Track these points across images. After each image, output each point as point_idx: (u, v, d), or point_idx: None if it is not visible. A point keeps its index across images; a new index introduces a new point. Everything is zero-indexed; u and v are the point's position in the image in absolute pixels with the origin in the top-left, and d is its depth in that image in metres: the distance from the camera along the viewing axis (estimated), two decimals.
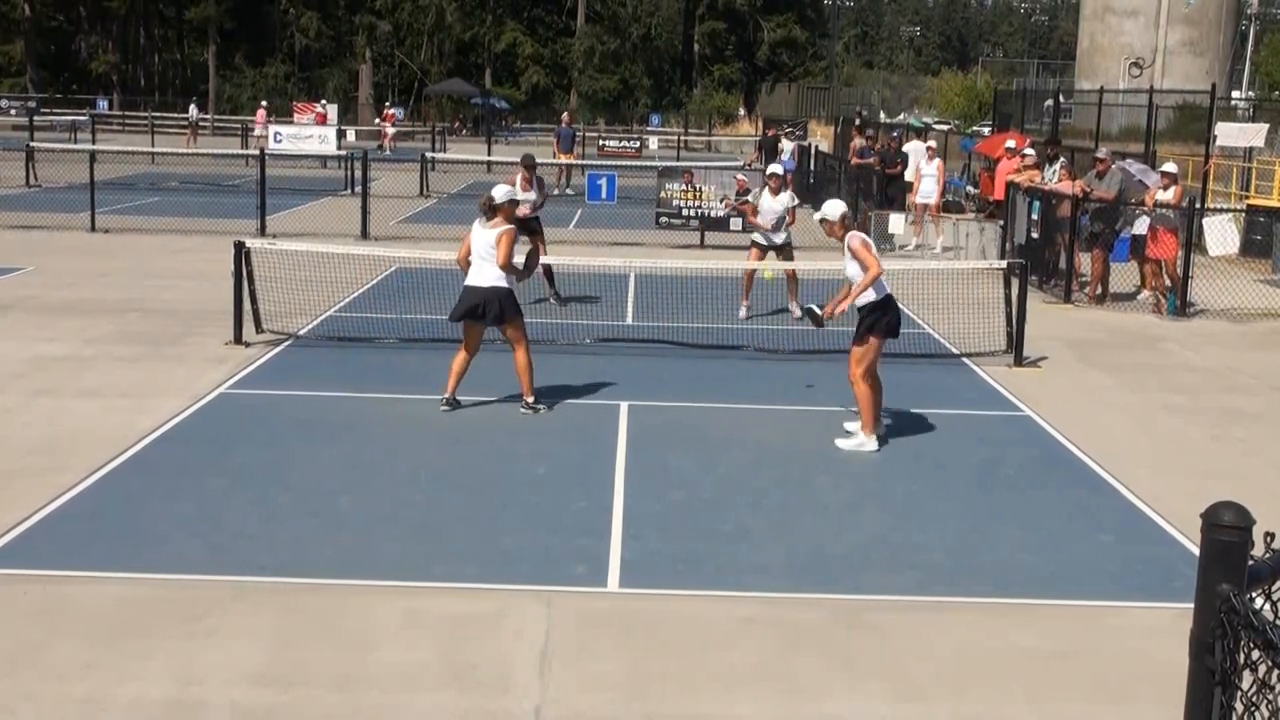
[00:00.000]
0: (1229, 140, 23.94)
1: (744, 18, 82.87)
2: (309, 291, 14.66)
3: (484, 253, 10.26)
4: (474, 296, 10.25)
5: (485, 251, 10.26)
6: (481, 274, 10.26)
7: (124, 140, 45.89)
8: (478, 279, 10.27)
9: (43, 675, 5.73)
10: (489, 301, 10.21)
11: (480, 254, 10.28)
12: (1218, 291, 16.56)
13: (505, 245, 10.18)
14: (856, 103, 61.07)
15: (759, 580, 7.05)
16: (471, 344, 10.47)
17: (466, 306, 10.31)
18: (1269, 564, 2.95)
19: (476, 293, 10.24)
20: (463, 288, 10.39)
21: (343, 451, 9.31)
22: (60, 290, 15.84)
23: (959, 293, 15.36)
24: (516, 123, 67.27)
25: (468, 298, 10.30)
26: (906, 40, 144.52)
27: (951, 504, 8.50)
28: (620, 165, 34.70)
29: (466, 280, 10.35)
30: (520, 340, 10.39)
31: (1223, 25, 51.58)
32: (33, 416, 10.04)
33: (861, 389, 9.67)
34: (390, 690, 5.68)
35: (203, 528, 7.64)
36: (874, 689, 5.80)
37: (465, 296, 10.33)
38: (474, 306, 10.25)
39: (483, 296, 10.22)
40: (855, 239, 9.82)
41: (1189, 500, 7.69)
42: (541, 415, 10.41)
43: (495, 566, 7.16)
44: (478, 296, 10.23)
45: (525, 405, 10.46)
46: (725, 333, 13.89)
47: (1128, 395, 11.91)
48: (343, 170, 31.88)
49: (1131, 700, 5.79)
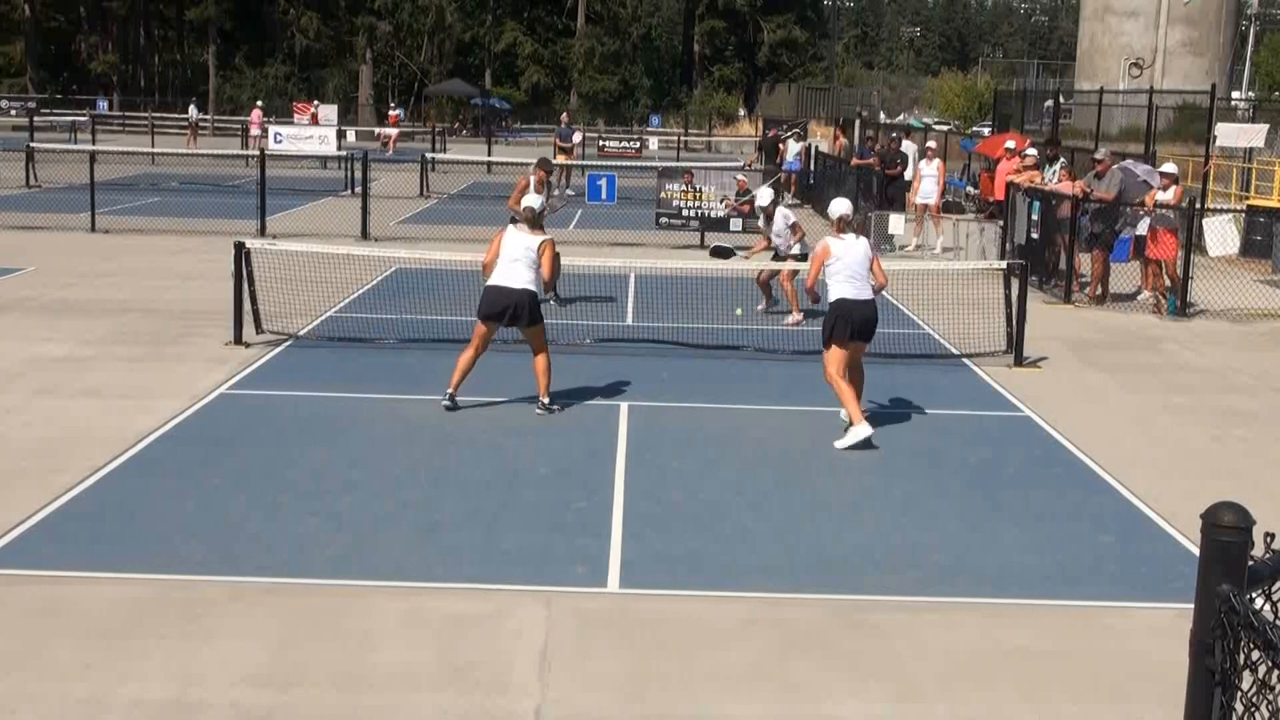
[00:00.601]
0: (1229, 141, 23.93)
1: (744, 18, 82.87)
2: (309, 292, 14.65)
3: (519, 255, 10.27)
4: (505, 298, 10.25)
5: (522, 254, 10.27)
6: (514, 275, 10.27)
7: (124, 140, 45.91)
8: (509, 280, 10.26)
9: (43, 675, 5.73)
10: (520, 304, 10.24)
11: (514, 256, 10.28)
12: (1218, 292, 16.56)
13: (549, 256, 10.31)
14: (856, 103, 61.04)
15: (759, 580, 7.06)
16: (485, 343, 10.49)
17: (498, 307, 10.30)
18: (1269, 564, 2.95)
19: (508, 294, 10.25)
20: (488, 288, 10.37)
21: (343, 451, 9.32)
22: (60, 290, 15.84)
23: (959, 293, 15.36)
24: (516, 123, 67.26)
25: (498, 299, 10.28)
26: (906, 41, 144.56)
27: (951, 504, 8.50)
28: (620, 166, 34.70)
29: (494, 280, 10.33)
30: (542, 343, 10.46)
31: (1223, 25, 51.56)
32: (32, 416, 10.04)
33: (835, 386, 9.85)
34: (390, 690, 5.68)
35: (203, 528, 7.64)
36: (874, 689, 5.80)
37: (494, 297, 10.31)
38: (505, 308, 10.27)
39: (514, 299, 10.24)
40: (823, 245, 10.18)
41: (1189, 500, 7.69)
42: (541, 415, 10.42)
43: (495, 566, 7.16)
44: (509, 298, 10.24)
45: (541, 406, 10.48)
46: (725, 333, 13.89)
47: (1128, 395, 11.91)
48: (343, 171, 31.87)
49: (1131, 700, 5.79)
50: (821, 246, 10.18)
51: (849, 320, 9.83)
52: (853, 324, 9.84)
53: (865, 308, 9.94)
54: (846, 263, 9.93)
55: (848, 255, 9.96)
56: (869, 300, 9.99)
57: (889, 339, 14.00)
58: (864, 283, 9.96)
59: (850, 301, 9.87)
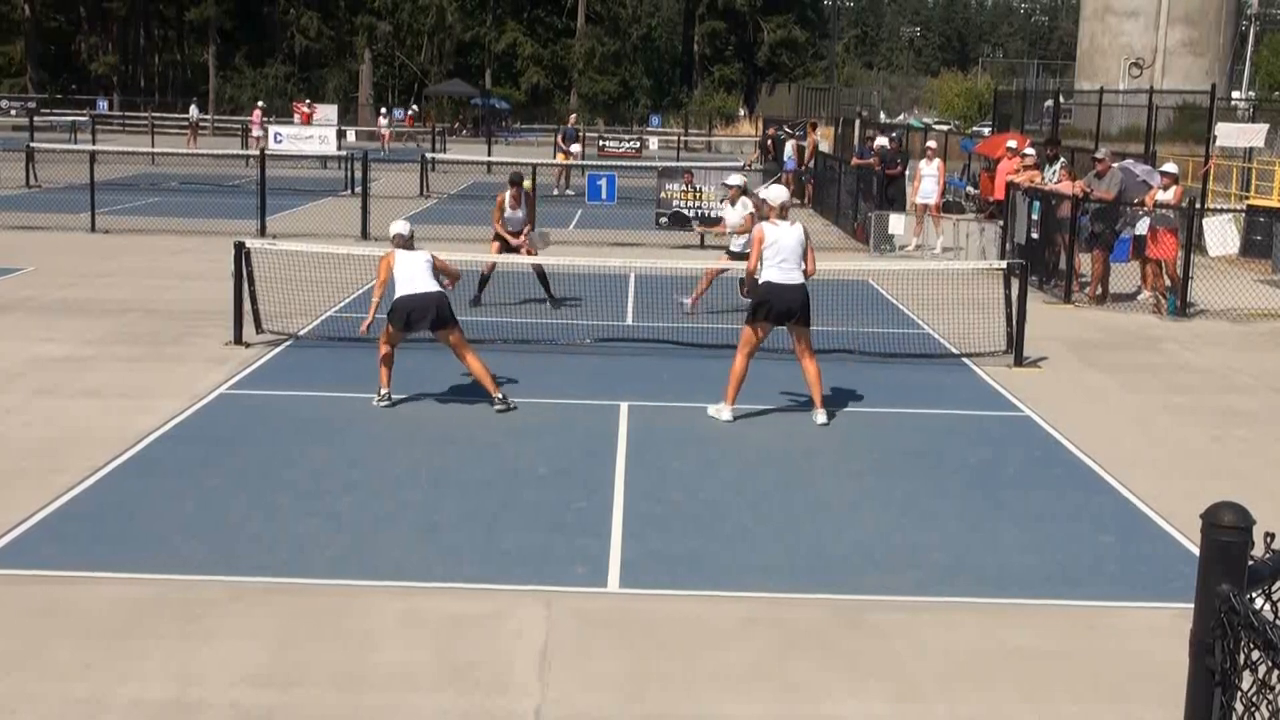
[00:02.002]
0: (1229, 140, 23.94)
1: (744, 18, 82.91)
2: (309, 292, 14.65)
3: (418, 267, 10.48)
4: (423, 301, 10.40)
5: (420, 266, 10.50)
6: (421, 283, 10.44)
7: (124, 141, 45.91)
8: (419, 287, 10.43)
9: (43, 675, 5.73)
10: (441, 305, 10.40)
11: (413, 270, 10.47)
12: (1218, 292, 16.56)
13: (443, 260, 10.71)
14: (856, 103, 61.05)
15: (759, 580, 7.05)
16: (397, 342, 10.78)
17: (419, 312, 10.40)
18: (1269, 564, 2.95)
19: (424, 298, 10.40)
20: (400, 299, 10.45)
21: (342, 451, 9.32)
22: (60, 290, 15.84)
23: (959, 293, 15.36)
24: (516, 123, 67.28)
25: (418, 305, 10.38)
26: (906, 41, 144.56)
27: (951, 504, 8.50)
28: (620, 166, 34.70)
29: (403, 291, 10.44)
30: (465, 343, 10.64)
31: (1223, 25, 51.55)
32: (32, 416, 10.04)
33: (734, 361, 10.38)
34: (390, 690, 5.68)
35: (202, 528, 7.64)
36: (874, 689, 5.80)
37: (411, 304, 10.39)
38: (425, 312, 10.38)
39: (433, 300, 10.37)
40: (758, 229, 10.57)
41: (1189, 500, 7.69)
42: (542, 415, 10.42)
43: (495, 566, 7.16)
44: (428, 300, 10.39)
45: (499, 403, 10.54)
46: (725, 333, 13.87)
47: (1128, 395, 11.91)
48: (343, 171, 31.88)
49: (1131, 700, 5.79)
50: (757, 231, 10.56)
51: (771, 303, 10.22)
52: (775, 307, 10.21)
53: (791, 292, 10.21)
54: (779, 248, 10.26)
55: (781, 240, 10.27)
56: (798, 285, 10.25)
57: (889, 339, 14.03)
58: (795, 268, 10.25)
59: (777, 285, 10.22)
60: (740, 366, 10.35)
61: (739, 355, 10.40)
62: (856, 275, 17.54)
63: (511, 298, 15.63)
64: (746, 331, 10.40)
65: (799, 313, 10.25)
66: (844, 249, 22.16)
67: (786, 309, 10.21)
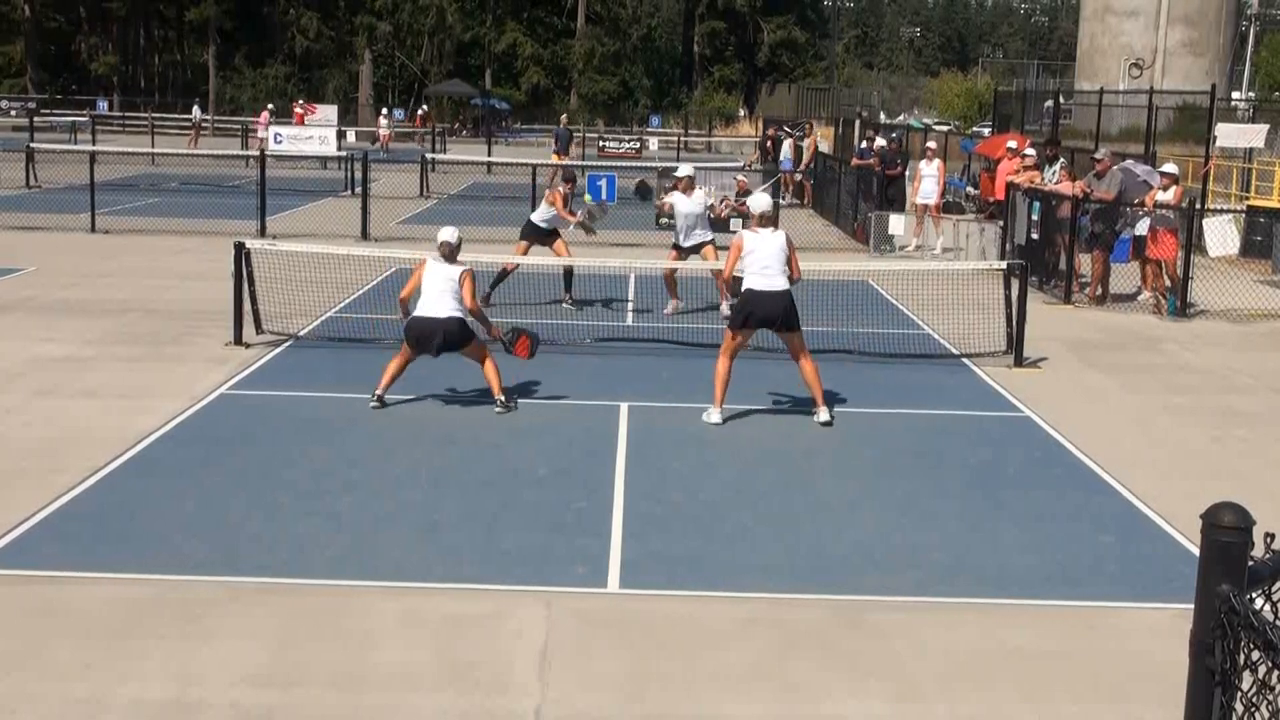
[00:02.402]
0: (1229, 141, 23.93)
1: (744, 19, 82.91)
2: (309, 292, 14.65)
3: (443, 287, 10.44)
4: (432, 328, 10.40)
5: (445, 286, 10.46)
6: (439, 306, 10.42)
7: (124, 141, 45.91)
8: (434, 310, 10.41)
9: (43, 675, 5.73)
10: (449, 332, 10.39)
11: (439, 289, 10.44)
12: (1218, 292, 16.56)
13: (469, 287, 10.53)
14: (856, 104, 61.05)
15: (759, 580, 7.05)
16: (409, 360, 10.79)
17: (426, 338, 10.44)
18: (1269, 564, 2.95)
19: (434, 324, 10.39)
20: (413, 319, 10.48)
21: (342, 451, 9.32)
22: (60, 290, 15.84)
23: (959, 293, 15.35)
24: (516, 124, 67.27)
25: (425, 329, 10.41)
26: (906, 41, 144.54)
27: (951, 504, 8.50)
28: (620, 166, 34.68)
29: (419, 312, 10.46)
30: (482, 352, 10.66)
31: (1223, 26, 51.58)
32: (32, 416, 10.04)
33: (716, 366, 10.41)
34: (390, 690, 5.68)
35: (203, 528, 7.64)
36: (874, 689, 5.80)
37: (420, 327, 10.43)
38: (432, 339, 10.44)
39: (441, 327, 10.37)
40: (737, 237, 10.65)
41: (1189, 500, 7.69)
42: (542, 415, 10.42)
43: (495, 566, 7.16)
44: (437, 327, 10.40)
45: (500, 405, 10.55)
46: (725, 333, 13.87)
47: (1128, 395, 11.91)
48: (343, 171, 31.87)
49: (1131, 701, 5.79)
50: (736, 240, 10.62)
51: (752, 311, 10.28)
52: (755, 315, 10.27)
53: (772, 299, 10.23)
54: (759, 256, 10.30)
55: (761, 249, 10.31)
56: (781, 292, 10.26)
57: (889, 339, 14.03)
58: (778, 275, 10.26)
59: (758, 293, 10.27)
60: (723, 369, 10.38)
61: (721, 358, 10.44)
62: (856, 275, 17.55)
63: (523, 299, 15.62)
64: (728, 336, 10.49)
65: (781, 318, 10.25)
66: (844, 249, 22.17)
67: (767, 316, 10.26)
